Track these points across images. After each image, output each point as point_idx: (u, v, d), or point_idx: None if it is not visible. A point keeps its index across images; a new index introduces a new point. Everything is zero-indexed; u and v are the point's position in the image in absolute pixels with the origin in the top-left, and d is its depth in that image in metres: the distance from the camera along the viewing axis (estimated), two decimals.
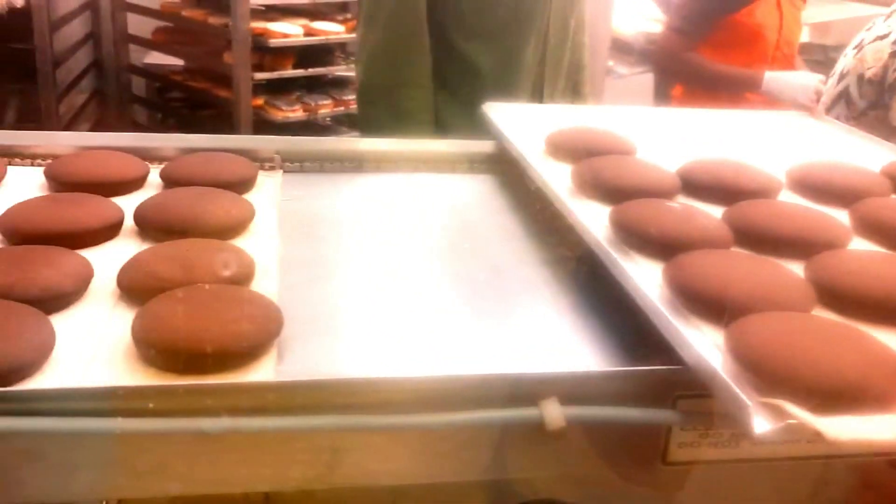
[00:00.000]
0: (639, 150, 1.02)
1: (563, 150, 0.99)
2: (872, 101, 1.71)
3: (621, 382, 0.60)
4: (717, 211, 0.84)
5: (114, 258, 0.73)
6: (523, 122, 1.10)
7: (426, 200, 1.03)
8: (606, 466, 0.64)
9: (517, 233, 0.95)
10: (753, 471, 0.66)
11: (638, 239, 0.76)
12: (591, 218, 0.81)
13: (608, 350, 0.71)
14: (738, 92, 2.16)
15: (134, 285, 0.69)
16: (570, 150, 0.98)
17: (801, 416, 0.50)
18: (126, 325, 0.63)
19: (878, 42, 1.71)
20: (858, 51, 1.75)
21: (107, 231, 0.79)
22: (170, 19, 3.30)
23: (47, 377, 0.58)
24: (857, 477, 0.75)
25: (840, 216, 0.85)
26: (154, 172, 0.93)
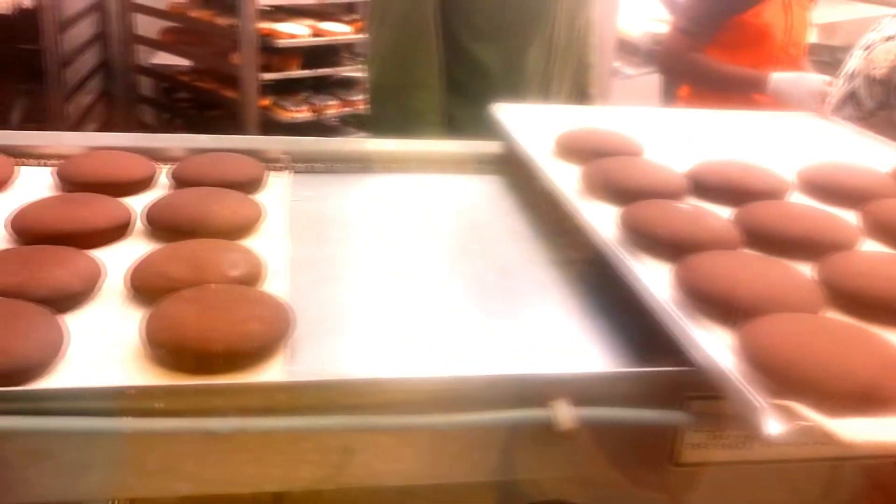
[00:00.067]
0: (647, 151, 1.02)
1: (571, 152, 0.99)
2: (881, 101, 1.70)
3: (632, 383, 0.60)
4: (725, 212, 0.84)
5: (123, 258, 0.73)
6: (531, 123, 1.10)
7: (435, 201, 1.03)
8: (616, 468, 0.63)
9: (526, 233, 0.95)
10: (763, 472, 0.66)
11: (647, 240, 0.76)
12: (600, 219, 0.81)
13: (616, 351, 0.71)
14: (744, 93, 2.15)
15: (144, 285, 0.69)
16: (579, 152, 0.98)
17: (814, 417, 0.50)
18: (136, 325, 0.63)
19: (887, 43, 1.70)
20: (867, 51, 1.74)
21: (116, 231, 0.79)
22: (177, 20, 3.31)
23: (58, 377, 0.59)
24: (866, 478, 0.75)
25: (849, 217, 0.85)
26: (163, 173, 0.94)
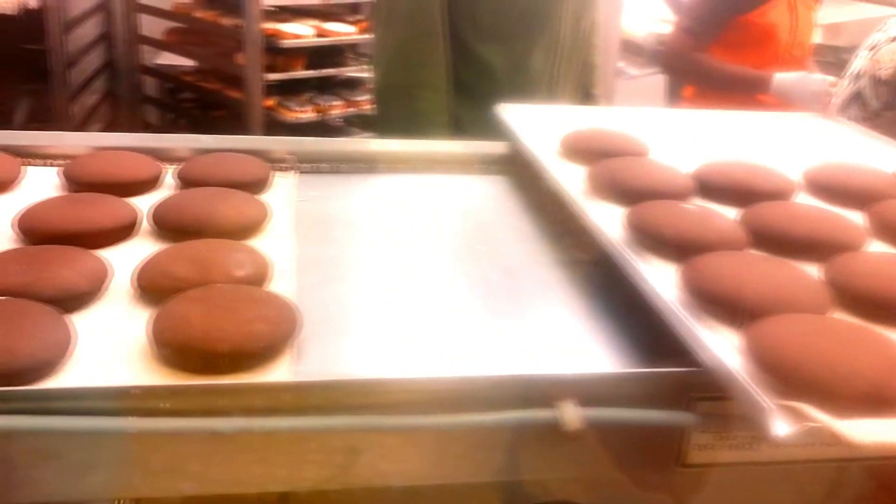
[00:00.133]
0: (652, 151, 1.02)
1: (577, 152, 0.99)
2: (887, 101, 1.70)
3: (638, 384, 0.60)
4: (731, 213, 0.84)
5: (130, 258, 0.73)
6: (536, 124, 1.10)
7: (440, 201, 1.03)
8: (622, 468, 0.63)
9: (531, 233, 0.94)
10: (770, 473, 0.65)
11: (653, 240, 0.76)
12: (606, 219, 0.81)
13: (621, 352, 0.71)
14: (747, 93, 2.14)
15: (150, 285, 0.69)
16: (585, 152, 0.98)
17: (822, 418, 0.50)
18: (143, 325, 0.63)
19: (892, 43, 1.70)
20: (872, 52, 1.74)
21: (123, 231, 0.79)
22: (182, 20, 3.31)
23: (66, 377, 0.59)
24: (872, 479, 0.75)
25: (855, 218, 0.85)
26: (169, 173, 0.94)
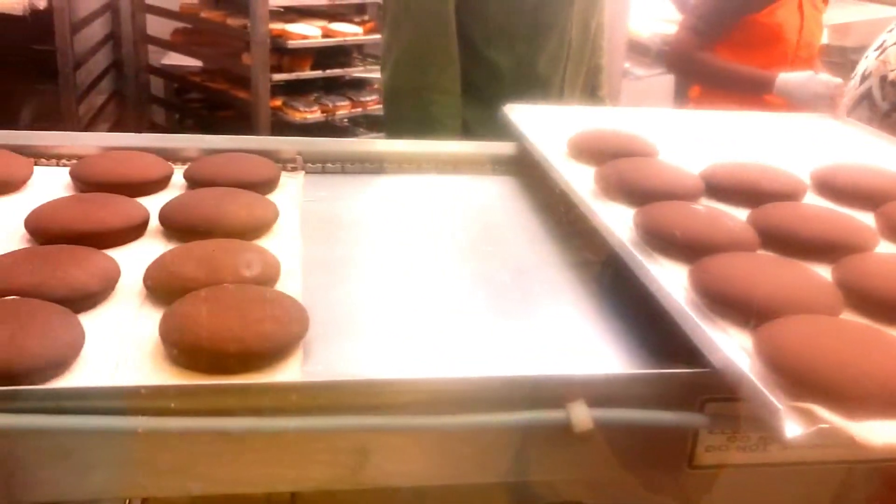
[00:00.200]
0: (661, 152, 1.02)
1: (585, 153, 0.99)
2: (895, 102, 1.69)
3: (649, 385, 0.60)
4: (741, 213, 0.84)
5: (139, 258, 0.74)
6: (544, 124, 1.10)
7: (447, 202, 1.03)
8: (631, 469, 0.63)
9: (540, 234, 0.94)
10: (779, 475, 0.65)
11: (663, 241, 0.75)
12: (615, 220, 0.81)
13: (630, 352, 0.71)
14: (750, 92, 2.13)
15: (159, 286, 0.69)
16: (593, 153, 0.98)
17: (833, 420, 0.50)
18: (152, 325, 0.64)
19: None
20: (881, 52, 1.73)
21: (133, 231, 0.79)
22: (189, 20, 3.32)
23: (75, 376, 0.59)
24: (881, 480, 0.74)
25: (865, 219, 0.84)
26: (177, 173, 0.94)
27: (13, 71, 2.84)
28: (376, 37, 3.15)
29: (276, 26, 2.99)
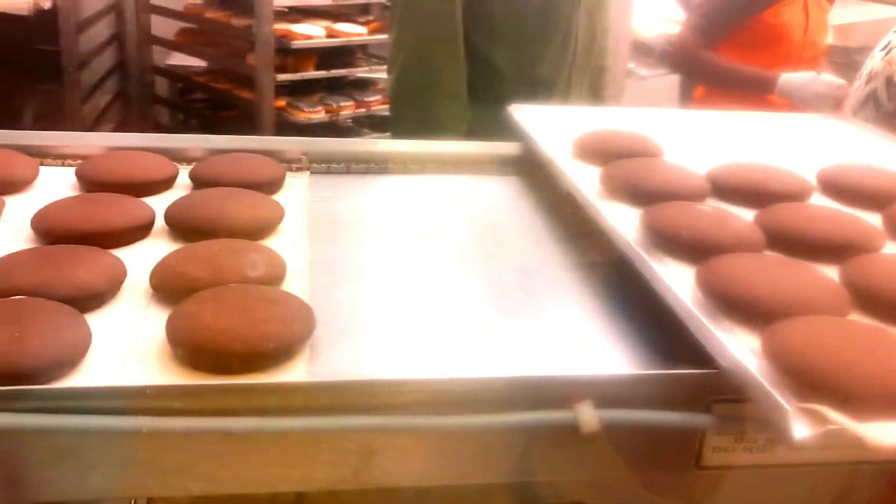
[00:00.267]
0: (666, 152, 1.01)
1: (590, 153, 0.98)
2: None
3: (656, 386, 0.60)
4: (747, 214, 0.84)
5: (145, 258, 0.74)
6: (549, 124, 1.10)
7: (453, 202, 1.02)
8: (638, 470, 0.63)
9: (544, 235, 0.94)
10: (786, 476, 0.65)
11: (669, 242, 0.75)
12: (621, 220, 0.81)
13: (635, 353, 0.71)
14: (751, 92, 2.12)
15: (165, 286, 0.69)
16: (598, 153, 0.98)
17: (842, 421, 0.50)
18: (159, 325, 0.64)
19: None
20: (886, 52, 1.73)
21: (139, 231, 0.79)
22: (193, 21, 3.32)
23: (81, 376, 0.59)
24: (887, 480, 0.74)
25: (872, 220, 0.84)
26: (182, 173, 0.94)
27: (18, 71, 2.85)
28: (380, 37, 3.15)
29: (281, 26, 2.99)
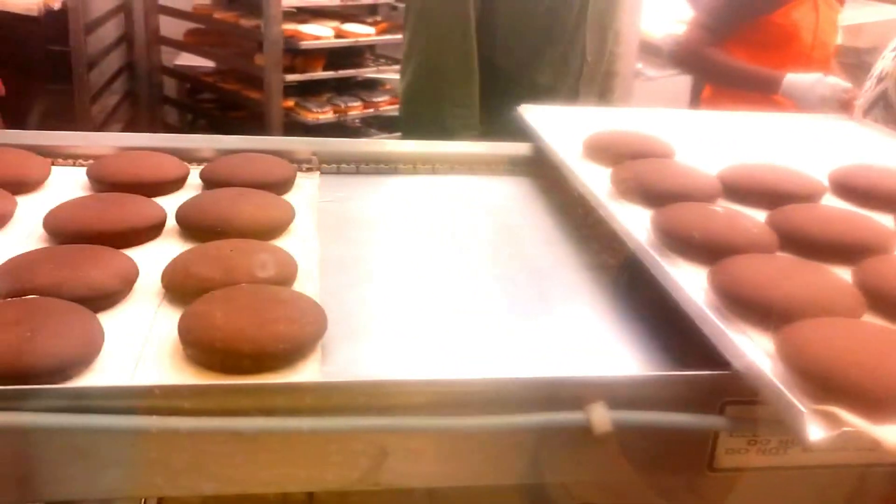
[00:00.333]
0: (677, 153, 1.01)
1: (601, 153, 0.98)
2: None
3: (669, 387, 0.60)
4: (759, 215, 0.83)
5: (157, 258, 0.74)
6: (559, 125, 1.10)
7: (463, 202, 1.02)
8: (651, 472, 0.63)
9: (555, 235, 0.94)
10: (799, 478, 0.65)
11: (681, 243, 0.75)
12: (633, 221, 0.81)
13: (648, 354, 0.70)
14: (756, 92, 2.11)
15: (177, 286, 0.69)
16: (609, 153, 0.97)
17: (857, 423, 0.50)
18: (171, 324, 0.64)
19: None
20: None
21: (150, 231, 0.79)
22: (201, 21, 3.33)
23: (94, 376, 0.59)
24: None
25: (885, 220, 0.84)
26: (192, 173, 0.94)
27: (27, 71, 2.86)
28: (389, 37, 3.15)
29: (289, 27, 3.00)
